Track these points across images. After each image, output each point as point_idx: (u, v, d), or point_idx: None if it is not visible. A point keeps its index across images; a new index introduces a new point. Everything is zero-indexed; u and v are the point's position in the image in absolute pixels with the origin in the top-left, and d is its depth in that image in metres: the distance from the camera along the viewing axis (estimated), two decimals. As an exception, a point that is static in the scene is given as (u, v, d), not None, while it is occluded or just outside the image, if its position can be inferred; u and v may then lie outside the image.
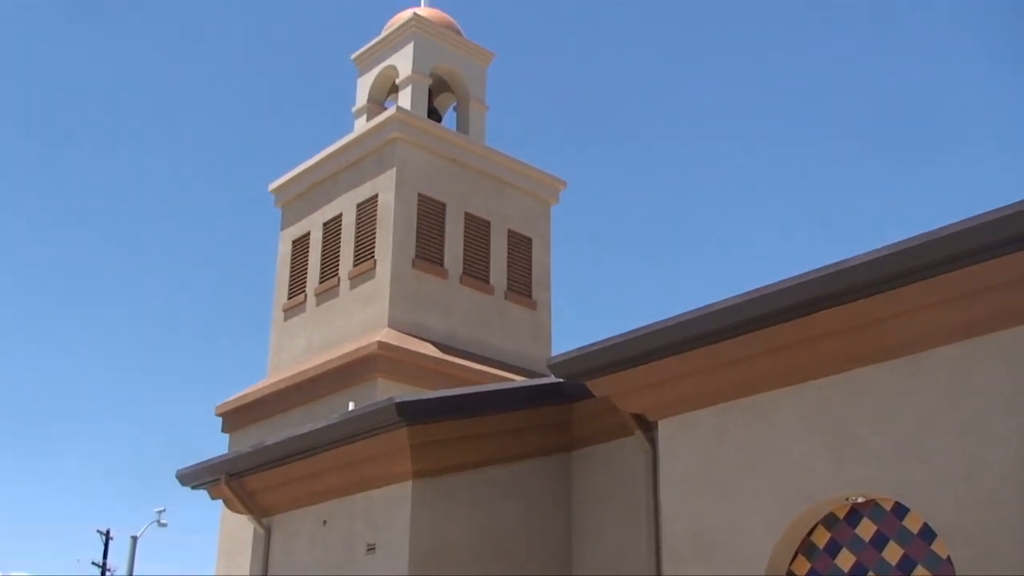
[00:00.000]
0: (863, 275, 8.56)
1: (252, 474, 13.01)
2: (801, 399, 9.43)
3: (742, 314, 9.27)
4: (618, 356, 10.20)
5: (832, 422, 9.16)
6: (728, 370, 9.79)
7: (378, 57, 19.31)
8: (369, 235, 17.03)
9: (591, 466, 12.24)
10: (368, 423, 11.29)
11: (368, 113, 19.18)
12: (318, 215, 18.21)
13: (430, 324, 16.59)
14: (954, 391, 8.49)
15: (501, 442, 11.96)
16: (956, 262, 8.21)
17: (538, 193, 18.83)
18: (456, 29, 19.56)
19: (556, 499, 12.28)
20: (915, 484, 8.53)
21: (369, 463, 11.70)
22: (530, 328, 17.92)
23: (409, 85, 18.34)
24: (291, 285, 18.32)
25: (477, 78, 19.35)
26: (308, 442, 12.05)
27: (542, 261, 18.53)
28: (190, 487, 14.12)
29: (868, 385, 9.02)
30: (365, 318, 16.49)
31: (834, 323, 8.99)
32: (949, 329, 8.55)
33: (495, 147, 18.40)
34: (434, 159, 17.57)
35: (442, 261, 17.13)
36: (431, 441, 11.31)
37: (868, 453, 8.87)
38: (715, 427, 10.01)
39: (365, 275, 16.80)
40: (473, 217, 17.79)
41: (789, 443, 9.40)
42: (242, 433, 17.49)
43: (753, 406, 9.76)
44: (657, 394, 10.36)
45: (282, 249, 18.81)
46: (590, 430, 12.19)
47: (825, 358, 9.23)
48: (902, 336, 8.78)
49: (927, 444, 8.54)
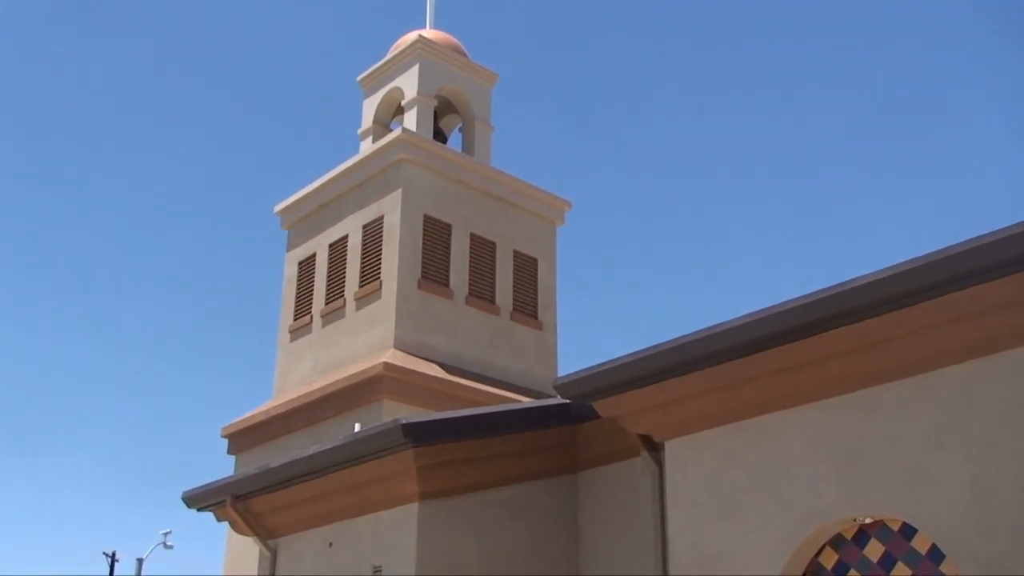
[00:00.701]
0: (870, 295, 8.55)
1: (258, 496, 12.99)
2: (808, 419, 9.40)
3: (749, 334, 9.25)
4: (624, 377, 10.18)
5: (840, 442, 9.13)
6: (735, 390, 9.77)
7: (384, 79, 19.37)
8: (375, 256, 17.04)
9: (598, 487, 12.20)
10: (374, 445, 11.27)
11: (374, 135, 19.23)
12: (324, 236, 18.24)
13: (436, 345, 16.58)
14: (962, 411, 8.47)
15: (507, 463, 11.93)
16: (964, 281, 8.20)
17: (543, 214, 18.85)
18: (461, 51, 19.63)
19: (562, 520, 12.24)
20: (923, 504, 8.50)
21: (375, 485, 11.68)
22: (536, 349, 17.90)
23: (415, 107, 18.39)
24: (297, 306, 18.33)
25: (482, 99, 19.40)
26: (314, 464, 12.03)
27: (548, 282, 18.53)
28: (196, 509, 14.09)
29: (876, 405, 9.00)
30: (371, 339, 16.49)
31: (841, 343, 8.97)
32: (957, 348, 8.53)
33: (500, 168, 18.44)
34: (440, 180, 17.60)
35: (448, 282, 17.13)
36: (437, 463, 11.29)
37: (876, 474, 8.83)
38: (722, 448, 9.98)
39: (371, 296, 16.81)
40: (479, 238, 17.80)
41: (797, 464, 9.37)
42: (248, 455, 17.47)
43: (760, 426, 9.73)
44: (663, 415, 10.34)
45: (288, 270, 18.83)
46: (596, 451, 12.16)
47: (832, 378, 9.21)
48: (910, 356, 8.76)
49: (935, 464, 8.51)
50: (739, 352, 9.46)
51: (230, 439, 17.91)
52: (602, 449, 12.08)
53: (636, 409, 10.46)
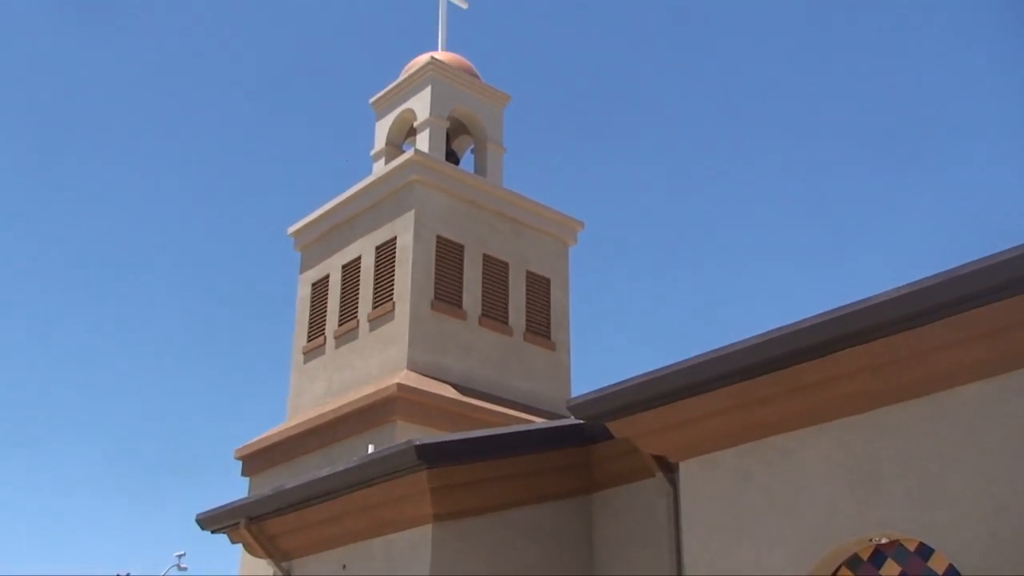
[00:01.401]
0: (886, 313, 8.52)
1: (272, 518, 12.98)
2: (824, 439, 9.36)
3: (764, 353, 9.22)
4: (638, 397, 10.16)
5: (856, 462, 9.09)
6: (750, 410, 9.74)
7: (396, 101, 19.45)
8: (388, 277, 17.07)
9: (612, 508, 12.16)
10: (387, 466, 11.26)
11: (386, 156, 19.30)
12: (337, 258, 18.29)
13: (449, 366, 16.58)
14: (979, 430, 8.42)
15: (521, 485, 11.90)
16: (980, 300, 8.17)
17: (556, 234, 18.87)
18: (473, 72, 19.70)
19: (577, 542, 12.19)
20: (940, 524, 8.44)
21: (389, 506, 11.66)
22: (549, 369, 17.89)
23: (427, 128, 18.45)
24: (310, 328, 18.37)
25: (494, 120, 19.46)
26: (327, 485, 12.02)
27: (561, 302, 18.53)
28: (210, 531, 14.08)
29: (892, 424, 8.96)
30: (384, 360, 16.49)
31: (857, 362, 8.93)
32: (974, 367, 8.49)
33: (513, 189, 18.48)
34: (452, 201, 17.64)
35: (461, 303, 17.14)
36: (451, 484, 11.27)
37: (892, 493, 8.78)
38: (737, 468, 9.94)
39: (384, 317, 16.83)
40: (491, 258, 17.82)
41: (812, 483, 9.32)
42: (262, 476, 17.47)
43: (776, 446, 9.69)
44: (678, 435, 10.30)
45: (301, 292, 18.88)
46: (611, 472, 12.12)
47: (848, 397, 9.17)
48: (926, 374, 8.72)
49: (952, 484, 8.46)
50: (754, 371, 9.43)
51: (244, 461, 17.92)
52: (616, 470, 12.05)
53: (650, 429, 10.43)
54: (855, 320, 8.67)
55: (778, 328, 9.15)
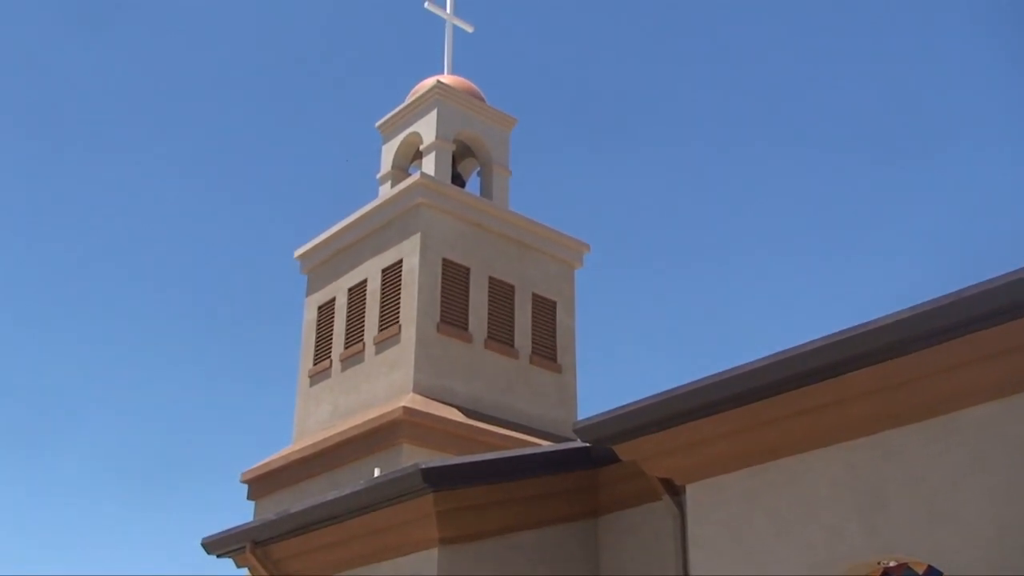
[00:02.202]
0: (893, 335, 8.51)
1: (278, 542, 12.96)
2: (831, 462, 9.34)
3: (770, 376, 9.21)
4: (644, 420, 10.14)
5: (863, 485, 9.06)
6: (757, 433, 9.72)
7: (402, 124, 19.52)
8: (394, 300, 17.09)
9: (619, 531, 12.12)
10: (394, 490, 11.24)
11: (392, 179, 19.35)
12: (343, 281, 18.31)
13: (455, 389, 16.57)
14: (986, 452, 8.39)
15: (527, 508, 11.87)
16: (986, 321, 8.16)
17: (562, 257, 18.89)
18: (479, 96, 19.77)
19: (583, 565, 12.15)
20: (948, 547, 8.41)
21: (395, 530, 11.64)
22: (555, 392, 17.87)
23: (433, 151, 18.51)
24: (316, 351, 18.38)
25: (500, 144, 19.51)
26: (333, 509, 12.00)
27: (567, 325, 18.52)
28: (216, 555, 14.06)
29: (899, 447, 8.93)
30: (390, 383, 16.49)
31: (863, 384, 8.92)
32: (980, 389, 8.47)
33: (519, 211, 18.50)
34: (458, 224, 17.68)
35: (467, 326, 17.15)
36: (457, 507, 11.25)
37: (900, 516, 8.75)
38: (744, 491, 9.91)
39: (390, 340, 16.83)
40: (497, 281, 17.83)
41: (820, 506, 9.29)
42: (268, 500, 17.44)
43: (783, 469, 9.67)
44: (684, 458, 10.28)
45: (307, 315, 18.90)
46: (617, 495, 12.10)
47: (855, 420, 9.15)
48: (933, 397, 8.71)
49: (959, 506, 8.43)
50: (760, 394, 9.41)
51: (249, 484, 17.89)
52: (623, 493, 12.02)
53: (657, 452, 10.41)
54: (861, 342, 8.66)
55: (784, 351, 9.15)
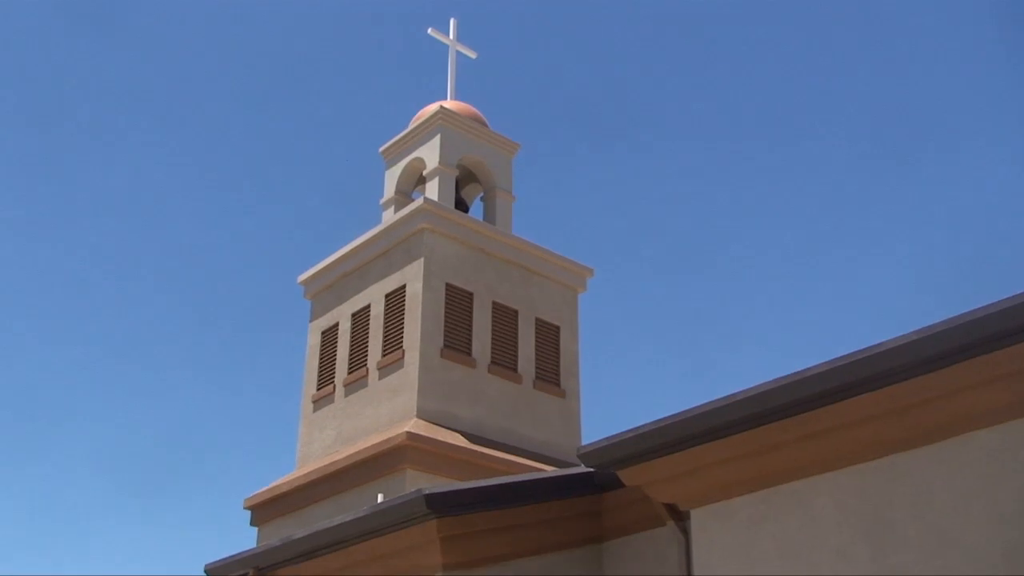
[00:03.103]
0: (899, 358, 8.48)
1: (281, 568, 12.90)
2: (837, 485, 9.29)
3: (775, 400, 9.18)
4: (649, 445, 10.10)
5: (870, 509, 9.01)
6: (762, 458, 9.68)
7: (406, 150, 19.57)
8: (397, 325, 17.08)
9: (623, 557, 12.06)
10: (397, 515, 11.20)
11: (396, 204, 19.38)
12: (347, 306, 18.31)
13: (459, 414, 16.53)
14: (994, 476, 8.35)
15: (532, 534, 11.82)
16: (992, 344, 8.13)
17: (565, 281, 18.89)
18: (482, 121, 19.83)
19: (589, 591, 12.08)
20: (955, 571, 8.35)
21: (399, 556, 11.58)
22: (559, 417, 17.82)
23: (436, 176, 18.54)
24: (320, 376, 18.36)
25: (503, 169, 19.55)
26: (337, 535, 11.95)
27: (570, 349, 18.49)
28: (218, 582, 13.98)
29: (905, 470, 8.89)
30: (393, 408, 16.46)
31: (869, 408, 8.89)
32: (987, 412, 8.44)
33: (522, 236, 18.52)
34: (461, 249, 17.69)
35: (470, 350, 17.12)
36: (461, 533, 11.20)
37: (907, 540, 8.70)
38: (749, 516, 9.86)
39: (393, 365, 16.81)
40: (501, 306, 17.82)
41: (826, 531, 9.24)
42: (271, 526, 17.39)
43: (788, 494, 9.62)
44: (689, 483, 10.24)
45: (311, 340, 18.89)
46: (622, 520, 12.04)
47: (861, 444, 9.11)
48: (940, 420, 8.67)
49: (966, 531, 8.38)
50: (765, 418, 9.38)
51: (253, 510, 17.84)
52: (628, 518, 11.97)
53: (661, 477, 10.36)
54: (866, 366, 8.63)
55: (790, 374, 9.12)
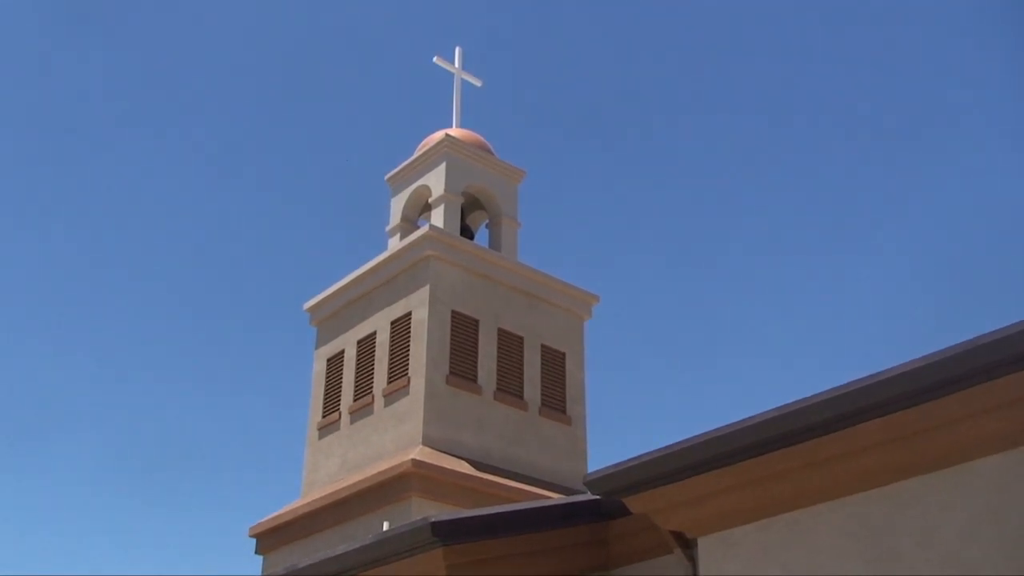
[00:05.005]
0: (903, 386, 8.48)
1: (286, 597, 12.85)
2: (842, 513, 9.27)
3: (780, 428, 9.18)
4: (655, 472, 10.09)
5: (875, 537, 8.99)
6: (768, 485, 9.66)
7: (411, 177, 19.64)
8: (403, 352, 17.09)
9: (630, 585, 12.01)
10: (403, 543, 11.17)
11: (401, 232, 19.44)
12: (352, 333, 18.33)
13: (464, 441, 16.52)
14: (999, 503, 8.33)
15: (538, 561, 11.78)
16: (996, 371, 8.13)
17: (571, 308, 18.90)
18: (487, 148, 19.91)
19: (595, 620, 12.03)
20: (964, 601, 8.31)
21: (404, 584, 11.55)
22: (565, 444, 17.79)
23: (442, 204, 18.60)
24: (325, 403, 18.36)
25: (509, 196, 19.61)
26: (343, 563, 11.92)
27: (576, 376, 18.49)
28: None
29: (910, 498, 8.87)
30: (399, 436, 16.45)
31: (874, 436, 8.88)
32: (992, 439, 8.43)
33: (528, 263, 18.56)
34: (467, 276, 17.72)
35: (476, 377, 17.13)
36: (467, 561, 11.17)
37: (912, 568, 8.67)
38: (757, 543, 9.83)
39: (399, 392, 16.82)
40: (506, 333, 17.84)
41: (832, 559, 9.21)
42: (276, 554, 17.34)
43: (794, 521, 9.59)
44: (696, 511, 10.21)
45: (316, 367, 18.90)
46: (629, 548, 12.00)
47: (866, 471, 9.10)
48: (945, 447, 8.66)
49: (972, 558, 8.35)
50: (772, 446, 9.37)
51: (258, 539, 17.80)
52: (634, 546, 11.93)
53: (668, 505, 10.34)
54: (872, 393, 8.63)
55: (794, 402, 9.12)
